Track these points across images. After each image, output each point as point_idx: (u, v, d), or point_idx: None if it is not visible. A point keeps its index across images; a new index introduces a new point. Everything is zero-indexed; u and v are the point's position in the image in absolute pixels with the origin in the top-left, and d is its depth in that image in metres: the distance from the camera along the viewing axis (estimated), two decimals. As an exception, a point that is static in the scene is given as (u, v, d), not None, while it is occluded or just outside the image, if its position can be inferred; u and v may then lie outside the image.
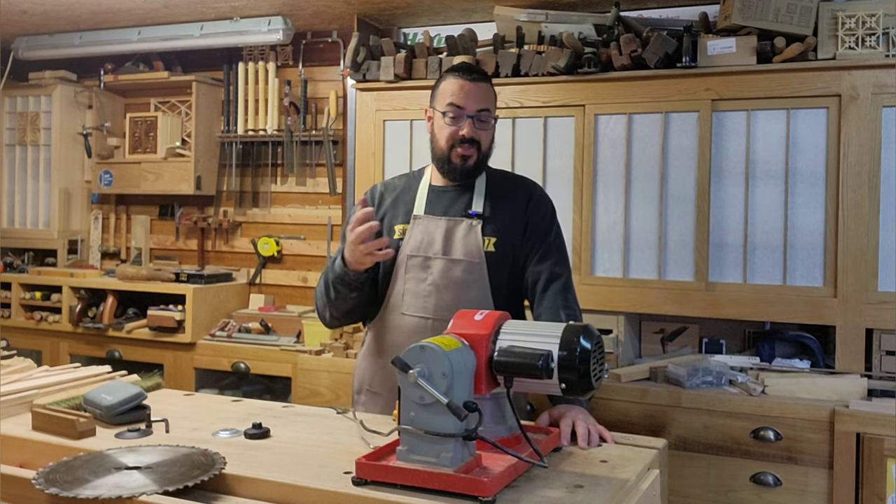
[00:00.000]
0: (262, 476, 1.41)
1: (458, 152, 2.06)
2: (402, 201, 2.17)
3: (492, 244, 2.07)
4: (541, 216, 2.13)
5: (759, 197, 2.79)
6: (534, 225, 2.11)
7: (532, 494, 1.36)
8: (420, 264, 2.07)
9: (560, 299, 2.03)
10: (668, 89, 2.87)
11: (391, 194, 2.20)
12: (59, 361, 3.81)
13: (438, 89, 2.11)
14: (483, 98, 2.07)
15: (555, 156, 3.06)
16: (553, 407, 1.84)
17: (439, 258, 2.06)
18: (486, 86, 2.09)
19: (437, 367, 1.36)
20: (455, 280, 2.05)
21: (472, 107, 2.05)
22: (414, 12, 3.49)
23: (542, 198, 2.17)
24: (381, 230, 2.11)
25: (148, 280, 3.83)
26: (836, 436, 2.40)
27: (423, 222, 2.11)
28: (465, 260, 2.06)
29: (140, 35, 3.94)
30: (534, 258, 2.08)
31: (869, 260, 2.65)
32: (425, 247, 2.08)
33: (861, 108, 2.65)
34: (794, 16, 2.68)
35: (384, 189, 2.22)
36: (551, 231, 2.13)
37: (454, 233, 2.08)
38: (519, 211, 2.11)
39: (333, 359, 3.15)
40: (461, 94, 2.05)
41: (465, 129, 2.05)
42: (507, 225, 2.09)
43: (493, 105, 2.11)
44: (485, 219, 2.08)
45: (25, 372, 2.13)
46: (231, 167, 4.10)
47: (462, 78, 2.06)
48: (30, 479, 1.37)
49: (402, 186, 2.21)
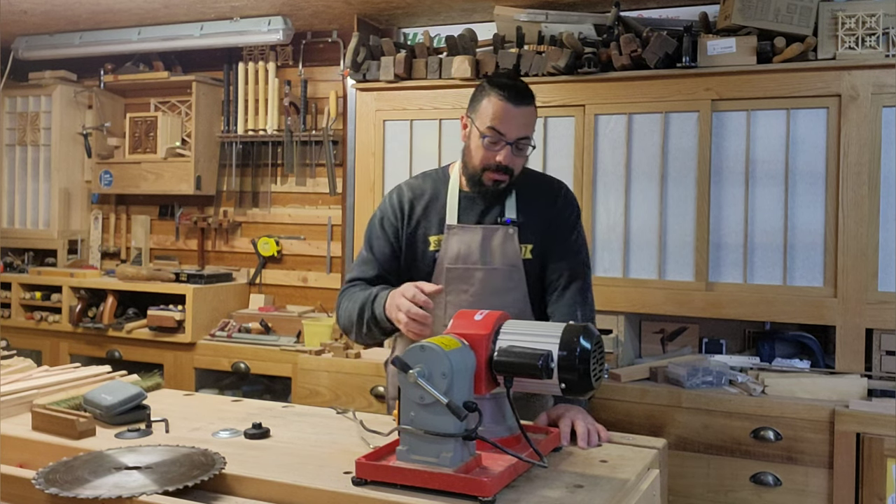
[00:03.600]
0: (262, 476, 1.41)
1: (490, 176, 2.01)
2: (433, 210, 2.10)
3: (528, 251, 2.05)
4: (566, 216, 2.10)
5: (759, 197, 2.79)
6: (559, 224, 2.09)
7: (532, 494, 1.36)
8: (460, 276, 2.04)
9: (579, 297, 2.03)
10: (668, 89, 2.87)
11: (420, 202, 2.12)
12: (59, 361, 3.81)
13: (481, 105, 2.00)
14: (525, 125, 1.99)
15: (555, 156, 3.06)
16: (552, 407, 1.84)
17: (479, 268, 2.03)
18: (530, 110, 2.00)
19: (437, 367, 1.36)
20: (496, 289, 2.02)
21: (513, 134, 1.97)
22: (414, 12, 3.49)
23: (568, 198, 2.14)
24: (413, 240, 2.10)
25: (148, 280, 3.83)
26: (836, 436, 2.40)
27: (459, 232, 2.06)
28: (504, 268, 2.03)
29: (140, 35, 3.94)
30: (555, 256, 2.06)
31: (869, 260, 2.65)
32: (463, 257, 2.04)
33: (861, 108, 2.65)
34: (794, 16, 2.68)
35: (412, 195, 2.14)
36: (574, 231, 2.11)
37: (491, 241, 2.04)
38: (548, 212, 2.09)
39: (333, 359, 3.15)
40: (504, 120, 1.96)
41: (502, 157, 1.97)
42: (541, 229, 2.06)
43: (534, 128, 2.04)
44: (519, 225, 2.05)
45: (25, 372, 2.13)
46: (231, 167, 4.10)
47: (507, 101, 1.95)
48: (30, 479, 1.37)
49: (430, 192, 2.13)
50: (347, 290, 2.11)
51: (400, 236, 2.12)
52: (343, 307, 2.08)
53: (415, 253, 2.10)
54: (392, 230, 2.12)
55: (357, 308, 2.00)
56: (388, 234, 2.13)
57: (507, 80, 2.00)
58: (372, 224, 2.18)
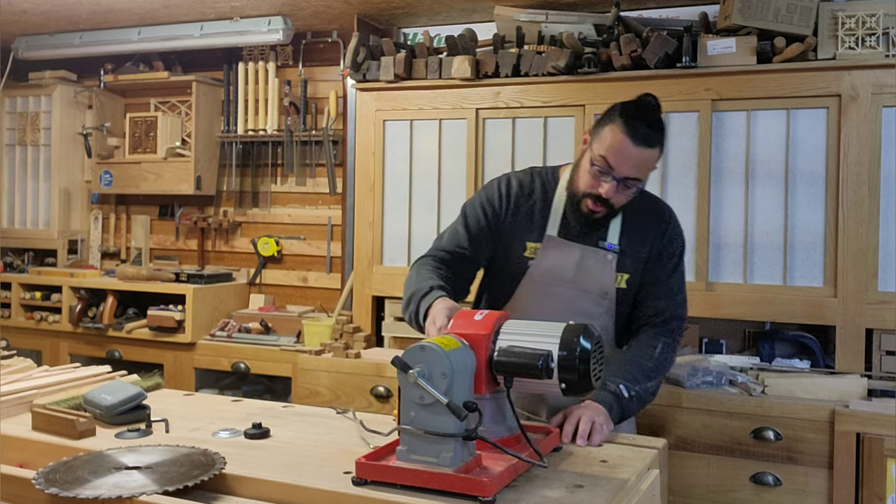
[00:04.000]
0: (262, 476, 1.41)
1: (588, 204, 1.91)
2: (536, 213, 2.01)
3: (624, 280, 1.97)
4: (671, 250, 2.01)
5: (759, 197, 2.79)
6: (662, 259, 2.00)
7: (532, 494, 1.36)
8: (548, 290, 1.97)
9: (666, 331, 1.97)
10: (668, 89, 2.87)
11: (527, 202, 2.02)
12: (59, 361, 3.81)
13: (603, 130, 1.87)
14: (639, 167, 1.86)
15: (555, 156, 3.06)
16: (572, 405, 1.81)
17: (569, 287, 1.96)
18: (650, 153, 1.85)
19: (437, 367, 1.36)
20: (582, 311, 1.95)
21: (623, 172, 1.85)
22: (414, 12, 3.49)
23: (675, 230, 2.04)
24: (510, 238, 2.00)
25: (148, 280, 3.83)
26: (836, 436, 2.40)
27: (557, 246, 1.98)
28: (595, 293, 1.96)
29: (140, 35, 3.94)
30: (653, 294, 1.99)
31: (869, 260, 2.65)
32: (555, 273, 1.97)
33: (861, 108, 2.65)
34: (794, 16, 2.68)
35: (520, 192, 2.03)
36: (677, 269, 2.02)
37: (587, 262, 1.96)
38: (653, 244, 1.99)
39: (333, 359, 3.15)
40: (618, 155, 1.84)
41: (605, 190, 1.86)
42: (641, 260, 1.98)
43: (650, 170, 1.90)
44: (620, 252, 1.96)
45: (25, 372, 2.13)
46: (231, 167, 4.10)
47: (627, 137, 1.82)
48: (30, 479, 1.37)
49: (538, 194, 2.02)
50: (422, 261, 2.02)
51: (497, 227, 2.02)
52: (408, 279, 1.98)
53: (508, 253, 2.02)
54: (493, 217, 2.02)
55: (410, 293, 1.91)
56: (488, 219, 2.02)
57: (640, 113, 1.86)
58: (473, 204, 2.07)
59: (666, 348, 1.95)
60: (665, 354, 1.95)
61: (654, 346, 1.94)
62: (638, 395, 1.86)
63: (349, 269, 3.64)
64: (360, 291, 3.38)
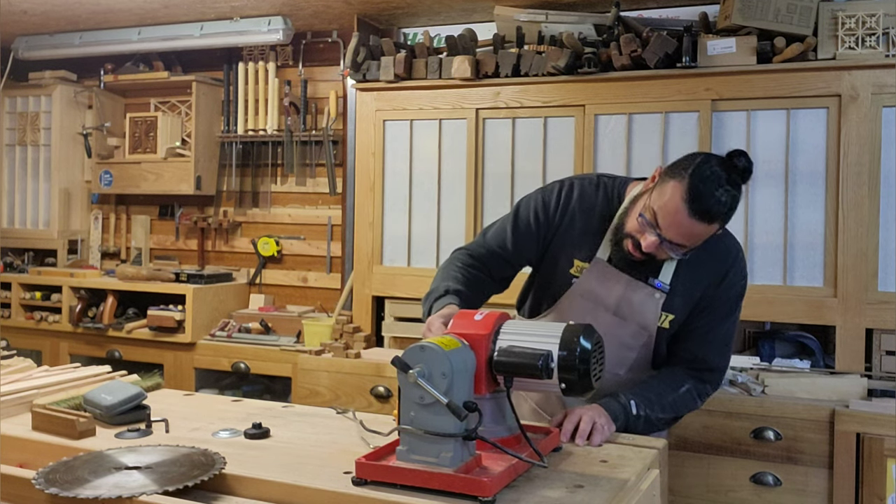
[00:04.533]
0: (262, 476, 1.41)
1: (628, 245, 1.77)
2: (591, 229, 1.87)
3: (668, 321, 1.85)
4: (727, 296, 1.87)
5: (759, 197, 2.79)
6: (716, 305, 1.87)
7: (532, 494, 1.36)
8: (588, 311, 1.85)
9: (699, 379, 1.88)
10: (668, 89, 2.87)
11: (583, 216, 1.88)
12: (59, 361, 3.81)
13: (669, 183, 1.68)
14: (687, 236, 1.69)
15: (555, 156, 3.06)
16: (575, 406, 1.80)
17: (609, 314, 1.85)
18: (706, 228, 1.67)
19: (437, 367, 1.36)
20: (620, 341, 1.86)
21: (670, 236, 1.69)
22: (414, 12, 3.49)
23: (737, 276, 1.87)
24: (559, 249, 1.90)
25: (148, 280, 3.83)
26: (836, 436, 2.40)
27: (604, 272, 1.85)
28: (636, 327, 1.85)
29: (140, 35, 3.94)
30: (698, 339, 1.88)
31: (869, 260, 2.65)
32: (599, 297, 1.86)
33: (861, 108, 2.65)
34: (794, 16, 2.68)
35: (579, 204, 1.89)
36: (731, 317, 1.89)
37: (632, 295, 1.84)
38: (707, 290, 1.85)
39: (333, 359, 3.15)
40: (670, 218, 1.67)
41: (646, 244, 1.72)
42: (692, 302, 1.86)
43: (698, 242, 1.73)
44: (669, 292, 1.83)
45: (25, 372, 2.13)
46: (231, 167, 4.10)
47: (685, 203, 1.64)
48: (30, 479, 1.37)
49: (598, 210, 1.88)
50: (456, 255, 1.96)
51: (546, 235, 1.92)
52: (438, 271, 1.92)
53: (556, 265, 1.92)
54: (544, 224, 1.91)
55: (430, 289, 1.86)
56: (539, 224, 1.91)
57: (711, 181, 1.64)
58: (527, 205, 1.95)
59: (692, 392, 1.88)
60: (689, 396, 1.87)
61: (681, 385, 1.86)
62: (646, 418, 1.80)
63: (349, 269, 3.64)
64: (360, 291, 3.38)
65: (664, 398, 1.84)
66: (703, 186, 1.64)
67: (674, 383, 1.87)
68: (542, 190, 1.97)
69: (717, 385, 1.93)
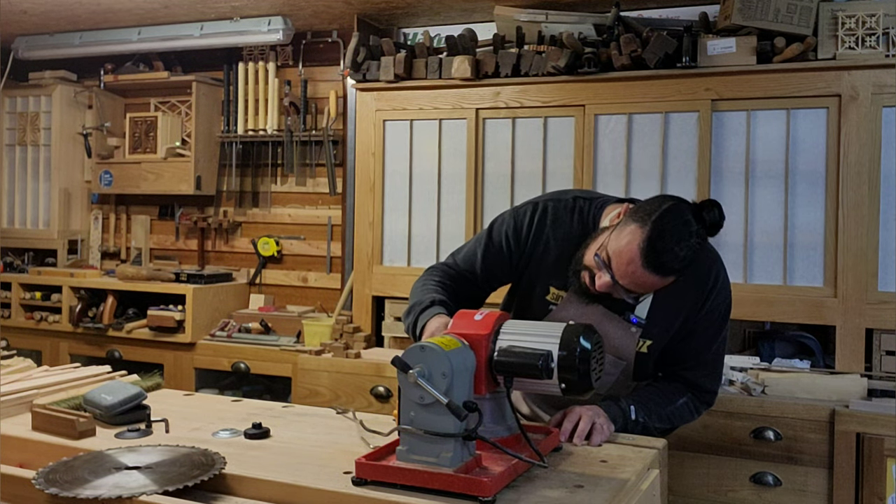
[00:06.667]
0: (262, 476, 1.41)
1: (585, 277, 1.71)
2: (564, 261, 1.80)
3: (646, 346, 1.83)
4: (710, 320, 1.82)
5: (759, 197, 2.79)
6: (698, 332, 1.83)
7: (532, 494, 1.36)
8: None
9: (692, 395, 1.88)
10: (668, 89, 2.87)
11: (557, 244, 1.83)
12: (59, 361, 3.81)
13: (630, 226, 1.62)
14: (640, 286, 1.64)
15: (555, 156, 3.06)
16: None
17: None
18: (660, 280, 1.62)
19: (437, 367, 1.36)
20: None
21: (623, 282, 1.64)
22: (414, 12, 3.49)
23: (718, 299, 1.82)
24: (534, 274, 1.87)
25: (148, 280, 3.83)
26: (836, 436, 2.40)
27: (579, 302, 1.78)
28: (613, 358, 1.81)
29: (140, 35, 3.94)
30: (685, 363, 1.86)
31: (869, 260, 2.65)
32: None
33: (861, 108, 2.65)
34: (794, 16, 2.68)
35: (552, 231, 1.84)
36: (717, 338, 1.85)
37: (607, 327, 1.77)
38: (689, 315, 1.81)
39: (333, 359, 3.15)
40: (623, 266, 1.62)
41: (599, 284, 1.67)
42: (670, 330, 1.82)
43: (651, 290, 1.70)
44: (645, 325, 1.80)
45: (25, 372, 2.13)
46: (231, 167, 4.10)
47: (642, 255, 1.58)
48: (30, 479, 1.37)
49: (574, 237, 1.81)
50: (433, 270, 1.95)
51: (520, 261, 1.89)
52: (415, 286, 1.90)
53: (532, 289, 1.88)
54: (516, 250, 1.88)
55: (411, 303, 1.84)
56: (510, 250, 1.89)
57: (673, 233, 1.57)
58: (499, 229, 1.91)
59: (689, 406, 1.88)
60: (686, 409, 1.87)
61: (677, 399, 1.87)
62: (644, 425, 1.81)
63: (349, 269, 3.64)
64: (360, 291, 3.38)
65: (662, 409, 1.86)
66: (661, 240, 1.57)
67: (670, 395, 1.88)
68: (515, 212, 1.92)
69: (710, 405, 1.92)
